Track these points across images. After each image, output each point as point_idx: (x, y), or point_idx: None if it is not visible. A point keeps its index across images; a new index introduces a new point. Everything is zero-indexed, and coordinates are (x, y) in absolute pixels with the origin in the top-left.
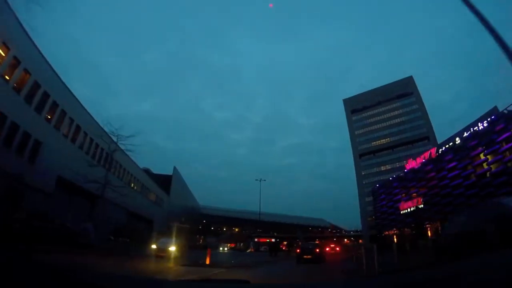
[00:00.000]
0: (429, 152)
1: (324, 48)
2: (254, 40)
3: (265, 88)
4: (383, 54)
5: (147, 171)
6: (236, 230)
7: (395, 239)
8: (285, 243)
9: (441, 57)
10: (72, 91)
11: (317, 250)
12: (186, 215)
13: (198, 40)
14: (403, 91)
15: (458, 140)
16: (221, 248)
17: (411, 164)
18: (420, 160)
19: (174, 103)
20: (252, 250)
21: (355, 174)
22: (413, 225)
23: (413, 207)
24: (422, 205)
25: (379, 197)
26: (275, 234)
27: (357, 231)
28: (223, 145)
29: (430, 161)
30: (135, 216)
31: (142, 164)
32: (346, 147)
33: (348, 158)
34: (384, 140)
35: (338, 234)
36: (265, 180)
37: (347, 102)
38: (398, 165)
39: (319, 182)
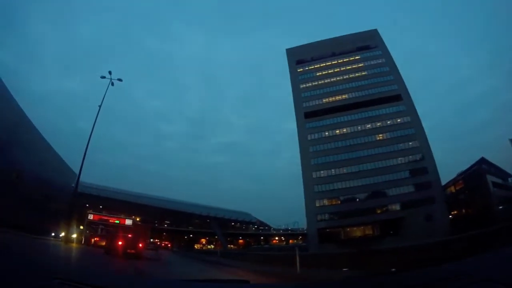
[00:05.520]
0: None
1: (265, 49)
2: (193, 28)
3: (200, 81)
4: None
5: None
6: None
7: None
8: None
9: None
10: None
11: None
12: None
13: (133, 19)
14: (365, 44)
15: None
16: None
17: None
18: None
19: (102, 84)
20: None
21: (297, 140)
22: None
23: None
24: None
25: None
26: (189, 228)
27: (289, 229)
28: (153, 137)
29: None
30: None
31: None
32: (278, 150)
33: (280, 161)
34: (339, 96)
35: (265, 232)
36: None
37: (291, 52)
38: (359, 128)
39: (250, 182)
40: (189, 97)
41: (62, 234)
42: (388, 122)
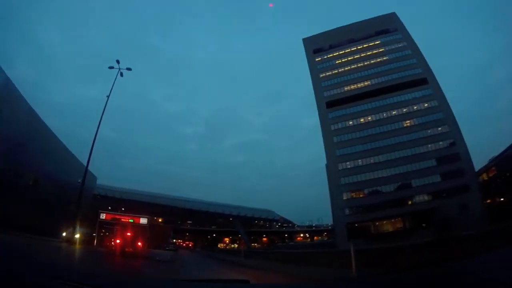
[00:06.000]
0: None
1: (280, 45)
2: (207, 30)
3: (217, 82)
4: None
5: None
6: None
7: None
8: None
9: None
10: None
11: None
12: None
13: (149, 25)
14: (384, 28)
15: None
16: None
17: None
18: None
19: (121, 91)
20: None
21: (318, 136)
22: None
23: None
24: None
25: None
26: (211, 227)
27: (313, 226)
28: (172, 139)
29: None
30: None
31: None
32: (299, 146)
33: (301, 158)
34: (361, 83)
35: (289, 230)
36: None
37: (307, 41)
38: (385, 116)
39: (271, 180)
40: (207, 99)
41: (64, 234)
42: (415, 107)
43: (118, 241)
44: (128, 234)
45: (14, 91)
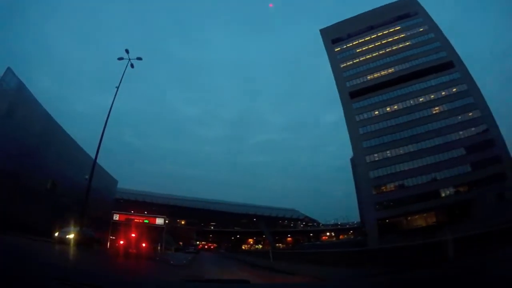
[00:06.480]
0: None
1: (296, 42)
2: (223, 33)
3: (235, 83)
4: None
5: None
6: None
7: None
8: None
9: None
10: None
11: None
12: None
13: (164, 32)
14: (404, 13)
15: None
16: None
17: None
18: None
19: (140, 97)
20: None
21: (342, 127)
22: None
23: None
24: None
25: None
26: (235, 228)
27: (338, 224)
28: (192, 142)
29: None
30: None
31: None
32: (320, 144)
33: (323, 155)
34: (384, 71)
35: (314, 229)
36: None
37: (325, 32)
38: (412, 103)
39: (294, 180)
40: (226, 101)
41: (56, 234)
42: (443, 93)
43: (121, 242)
44: (133, 235)
45: (28, 95)
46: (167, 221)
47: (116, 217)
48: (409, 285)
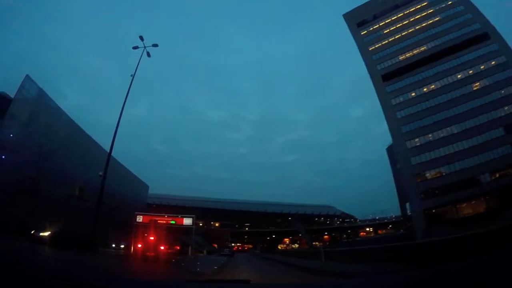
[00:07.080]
0: None
1: (318, 37)
2: (241, 34)
3: (257, 84)
4: None
5: None
6: (217, 224)
7: None
8: None
9: None
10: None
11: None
12: None
13: (183, 39)
14: None
15: None
16: None
17: None
18: None
19: (167, 105)
20: None
21: (381, 108)
22: None
23: None
24: None
25: None
26: (270, 228)
27: (376, 219)
28: (220, 146)
29: None
30: None
31: None
32: (348, 139)
33: (352, 150)
34: (416, 50)
35: (352, 225)
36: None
37: (349, 16)
38: (450, 80)
39: (324, 176)
40: (250, 102)
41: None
42: (481, 67)
43: (139, 245)
44: (151, 238)
45: (50, 102)
46: (197, 222)
47: (139, 218)
48: (406, 285)
